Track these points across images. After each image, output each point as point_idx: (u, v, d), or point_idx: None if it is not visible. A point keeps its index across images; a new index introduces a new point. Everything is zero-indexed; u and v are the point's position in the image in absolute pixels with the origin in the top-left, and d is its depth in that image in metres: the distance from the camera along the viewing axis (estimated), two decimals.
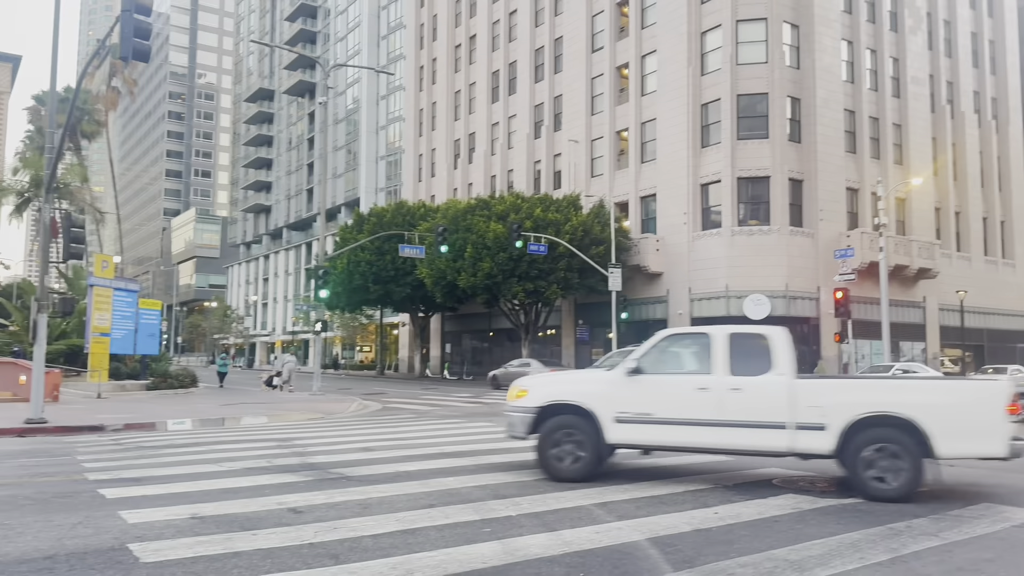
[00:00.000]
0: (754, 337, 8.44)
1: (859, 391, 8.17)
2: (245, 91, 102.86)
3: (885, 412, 7.67)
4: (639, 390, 8.46)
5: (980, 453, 7.70)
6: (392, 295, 46.10)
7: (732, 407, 8.08)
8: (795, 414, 7.89)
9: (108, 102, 54.03)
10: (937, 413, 7.60)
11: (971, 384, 8.73)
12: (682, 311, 38.10)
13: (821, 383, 8.53)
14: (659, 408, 8.35)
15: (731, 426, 8.08)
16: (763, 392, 8.06)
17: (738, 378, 8.14)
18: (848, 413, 7.73)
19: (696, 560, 5.20)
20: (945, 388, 8.72)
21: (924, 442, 7.51)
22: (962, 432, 7.61)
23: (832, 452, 7.83)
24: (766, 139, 36.73)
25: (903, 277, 38.85)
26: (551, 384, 9.21)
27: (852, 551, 5.43)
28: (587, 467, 8.47)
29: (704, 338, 8.55)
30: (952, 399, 7.91)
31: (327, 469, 9.52)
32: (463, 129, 56.44)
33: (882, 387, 8.68)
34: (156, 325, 29.89)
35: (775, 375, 8.10)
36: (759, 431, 8.00)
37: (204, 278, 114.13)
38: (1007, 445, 7.44)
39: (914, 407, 7.62)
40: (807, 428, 7.84)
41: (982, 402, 7.77)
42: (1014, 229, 47.72)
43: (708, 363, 8.33)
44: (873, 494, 7.57)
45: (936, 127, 43.72)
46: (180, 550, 5.43)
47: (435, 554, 5.34)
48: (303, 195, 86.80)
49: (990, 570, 4.95)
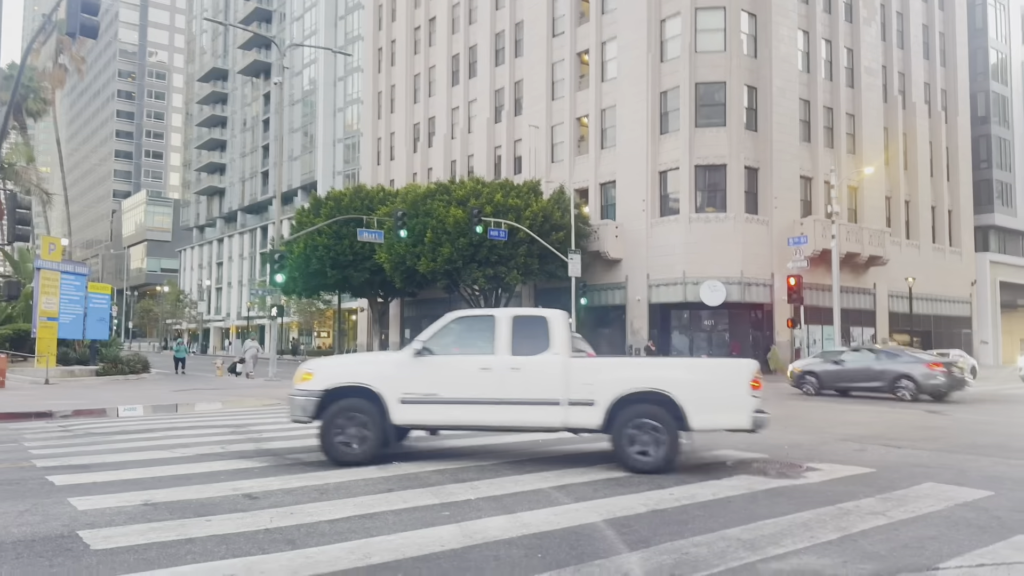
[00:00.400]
0: (535, 319, 8.69)
1: (625, 369, 8.69)
2: (198, 70, 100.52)
3: (647, 389, 8.21)
4: (425, 371, 8.52)
5: (728, 425, 8.43)
6: (350, 280, 45.65)
7: (512, 386, 8.34)
8: (568, 391, 8.26)
9: (55, 80, 52.25)
10: (692, 389, 8.23)
11: (721, 362, 9.45)
12: (640, 297, 38.46)
13: (591, 361, 8.84)
14: (444, 388, 8.45)
15: (511, 404, 8.33)
16: (540, 371, 8.38)
17: (518, 358, 8.40)
18: (615, 390, 8.20)
19: (651, 540, 5.28)
20: (699, 366, 9.30)
21: (681, 416, 8.12)
22: (713, 406, 8.28)
23: (600, 427, 8.27)
24: (723, 127, 37.12)
25: (854, 264, 39.72)
26: (337, 366, 9.26)
27: (803, 530, 5.56)
28: (372, 450, 8.45)
29: (489, 320, 8.73)
30: (705, 376, 8.58)
31: (283, 455, 9.44)
32: (423, 113, 55.97)
33: (645, 365, 9.16)
34: (106, 310, 29.20)
35: (551, 355, 8.41)
36: (536, 408, 8.32)
37: (156, 262, 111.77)
38: (751, 418, 8.18)
39: (672, 384, 8.20)
40: (578, 404, 8.25)
41: (730, 379, 8.45)
42: (961, 218, 49.07)
43: (492, 344, 8.50)
44: (635, 466, 8.06)
45: (888, 117, 44.64)
46: (132, 537, 5.33)
47: (393, 538, 5.33)
48: (258, 178, 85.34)
49: (933, 547, 5.11)
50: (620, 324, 40.07)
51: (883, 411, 16.58)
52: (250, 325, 77.54)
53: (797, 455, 9.43)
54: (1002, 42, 56.75)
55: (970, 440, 11.05)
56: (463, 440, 10.74)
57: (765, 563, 4.73)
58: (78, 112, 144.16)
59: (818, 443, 10.65)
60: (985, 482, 7.56)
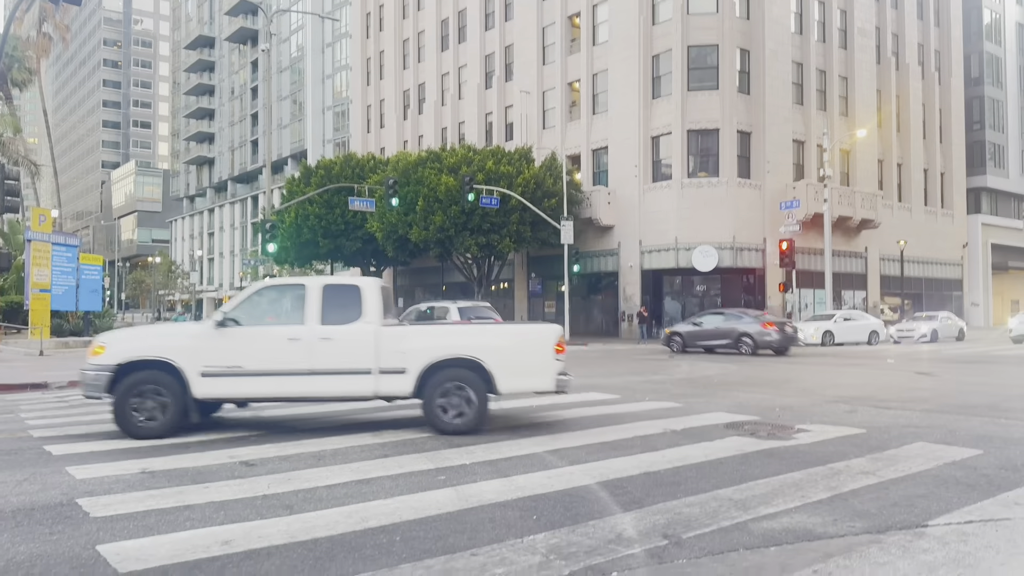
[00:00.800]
0: (347, 288, 8.68)
1: (435, 336, 8.76)
2: (184, 38, 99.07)
3: (457, 355, 8.40)
4: (229, 343, 8.32)
5: (534, 388, 8.85)
6: (342, 249, 45.49)
7: (322, 356, 8.29)
8: (379, 360, 8.33)
9: (39, 49, 51.52)
10: (500, 355, 8.48)
11: (527, 328, 9.68)
12: (633, 263, 38.50)
13: (402, 329, 8.83)
14: (250, 360, 8.29)
15: (321, 374, 8.30)
16: (350, 340, 8.37)
17: (328, 327, 8.33)
18: (425, 357, 8.35)
19: (644, 501, 5.35)
20: (506, 332, 9.53)
21: (489, 380, 8.38)
22: (519, 370, 8.58)
23: (412, 393, 8.41)
24: (716, 91, 36.88)
25: (846, 228, 39.79)
26: (132, 339, 8.99)
27: (794, 490, 5.64)
28: (171, 423, 8.21)
29: (299, 289, 8.65)
30: (512, 342, 8.87)
31: (278, 422, 9.49)
32: (412, 79, 55.38)
33: (455, 332, 9.23)
34: (98, 281, 29.13)
35: (363, 324, 8.42)
36: (347, 377, 8.34)
37: (147, 233, 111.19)
38: (554, 380, 8.57)
39: (481, 350, 8.43)
40: (390, 372, 8.34)
41: (536, 344, 8.75)
42: (953, 180, 49.08)
43: (301, 314, 8.41)
44: (445, 428, 8.32)
45: (881, 79, 44.39)
46: (131, 504, 5.38)
47: (390, 502, 5.39)
48: (247, 147, 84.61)
49: (923, 505, 5.20)
50: (613, 291, 40.17)
51: (875, 373, 16.74)
52: None
53: (788, 417, 9.53)
54: (995, 2, 56.30)
55: (961, 401, 11.18)
56: None
57: (756, 522, 4.81)
58: (64, 82, 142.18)
59: (809, 405, 10.76)
60: (974, 441, 7.66)
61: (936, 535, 4.47)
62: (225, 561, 4.15)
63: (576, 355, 24.59)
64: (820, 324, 29.97)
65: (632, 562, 4.08)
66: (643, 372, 17.05)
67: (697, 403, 10.97)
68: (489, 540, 4.48)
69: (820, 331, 29.37)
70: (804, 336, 29.19)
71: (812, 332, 29.42)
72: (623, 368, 18.44)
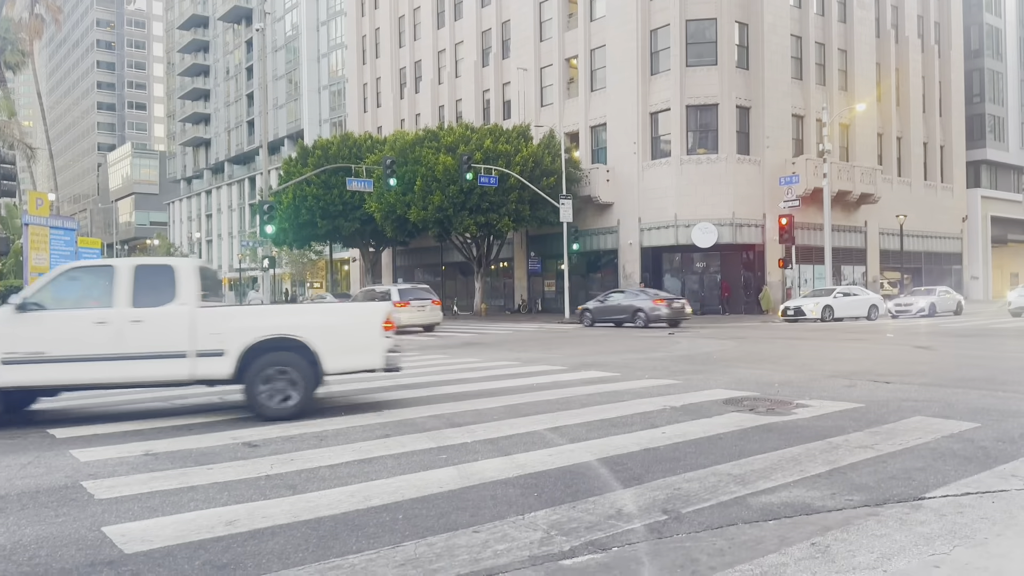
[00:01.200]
0: (160, 269, 8.37)
1: (256, 317, 8.53)
2: (178, 18, 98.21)
3: (280, 335, 8.15)
4: (31, 328, 7.88)
5: (362, 367, 8.69)
6: (341, 230, 45.44)
7: (133, 340, 7.97)
8: (196, 342, 8.05)
9: (32, 31, 51.12)
10: (325, 334, 8.30)
11: (354, 306, 9.56)
12: (632, 241, 38.46)
13: (220, 310, 8.60)
14: (53, 346, 7.86)
15: (132, 359, 7.97)
16: (164, 323, 8.06)
17: (140, 310, 8.02)
18: (245, 338, 8.07)
19: (644, 477, 5.39)
20: (333, 311, 9.39)
21: (315, 361, 8.19)
22: (347, 349, 8.45)
23: (232, 376, 8.12)
24: (714, 66, 36.64)
25: (846, 203, 39.71)
26: None
27: (793, 465, 5.68)
28: None
29: (107, 271, 8.28)
30: (338, 321, 8.73)
31: None
32: (408, 57, 55.00)
33: (279, 312, 8.99)
34: None
35: (177, 305, 8.12)
36: (160, 361, 8.02)
37: (144, 215, 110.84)
38: (383, 358, 8.50)
39: (305, 329, 8.22)
40: (207, 355, 8.05)
41: (363, 322, 8.63)
42: (953, 153, 48.91)
43: (110, 296, 8.07)
44: (270, 414, 8.07)
45: (880, 52, 44.09)
46: (135, 486, 5.42)
47: (392, 481, 5.43)
48: (244, 127, 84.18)
49: (920, 478, 5.24)
50: (613, 268, 40.17)
51: (874, 348, 16.79)
52: (242, 277, 77.42)
53: (787, 393, 9.58)
54: None
55: (959, 374, 11.23)
56: (454, 388, 10.86)
57: (755, 496, 4.85)
58: (58, 64, 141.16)
59: (808, 380, 10.81)
60: (971, 414, 7.71)
61: (933, 507, 4.52)
62: (229, 541, 4.19)
63: (575, 334, 24.67)
64: (820, 299, 30.03)
65: (632, 537, 4.13)
66: (642, 350, 17.11)
67: (696, 380, 11.03)
68: (491, 517, 4.53)
69: (820, 306, 29.44)
70: (806, 311, 29.42)
71: (812, 307, 29.50)
72: (622, 346, 18.50)
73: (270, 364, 8.11)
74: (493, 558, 3.85)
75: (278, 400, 8.13)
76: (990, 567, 3.58)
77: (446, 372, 12.89)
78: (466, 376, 12.17)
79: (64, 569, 3.84)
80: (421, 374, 12.61)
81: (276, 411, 8.09)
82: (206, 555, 3.99)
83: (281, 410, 8.10)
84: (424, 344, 20.81)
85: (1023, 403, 8.37)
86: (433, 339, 23.04)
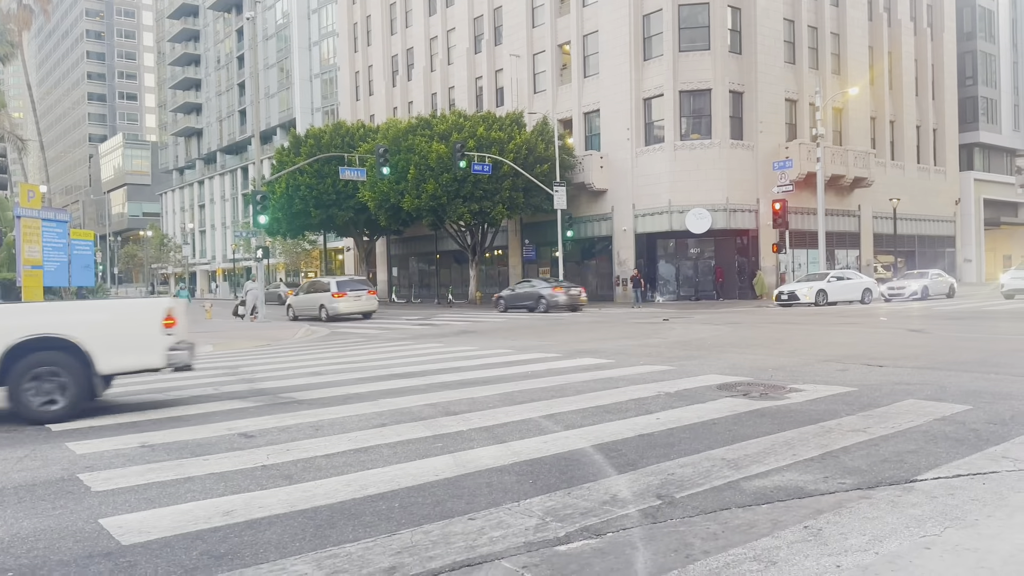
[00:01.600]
0: None
1: (18, 316, 8.09)
2: (168, 7, 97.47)
3: (44, 334, 7.69)
4: None
5: (141, 366, 8.26)
6: (335, 219, 45.35)
7: None
8: None
9: (20, 21, 50.64)
10: (97, 332, 7.90)
11: (130, 303, 9.18)
12: (626, 227, 38.47)
13: None
14: None
15: None
16: None
17: None
18: (5, 338, 7.57)
19: (639, 463, 5.43)
20: (104, 308, 9.11)
21: (87, 361, 7.76)
22: (123, 348, 8.06)
23: None
24: (707, 51, 36.55)
25: (839, 187, 39.76)
26: None
27: (786, 449, 5.72)
28: None
29: None
30: (112, 317, 8.34)
31: (277, 394, 9.54)
32: (400, 44, 54.71)
33: (44, 310, 8.57)
34: (90, 256, 28.91)
35: None
36: None
37: (137, 206, 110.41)
38: (164, 356, 8.12)
39: (74, 327, 7.80)
40: None
41: (139, 319, 8.28)
42: (946, 137, 48.95)
43: None
44: (39, 417, 7.68)
45: (873, 35, 44.02)
46: (131, 478, 5.44)
47: (388, 470, 5.46)
48: (235, 117, 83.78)
49: (912, 460, 5.28)
50: (607, 255, 40.20)
51: (868, 332, 16.86)
52: (236, 267, 77.25)
53: (781, 377, 9.62)
54: None
55: (952, 357, 11.28)
56: (448, 376, 10.88)
57: (748, 481, 4.89)
58: (47, 54, 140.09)
59: (801, 365, 10.85)
60: (964, 397, 7.75)
61: (924, 490, 4.56)
62: (227, 531, 4.21)
63: (570, 321, 24.71)
64: (813, 283, 30.11)
65: (626, 522, 4.16)
66: (637, 336, 17.15)
67: (691, 366, 11.07)
68: (486, 504, 4.56)
69: (814, 290, 29.52)
70: (800, 296, 29.49)
71: (806, 292, 29.58)
72: (617, 332, 18.54)
73: (36, 365, 7.63)
74: (489, 545, 3.88)
75: (42, 402, 7.68)
76: (980, 548, 3.62)
77: (441, 361, 12.92)
78: (461, 364, 12.20)
79: (62, 561, 3.86)
80: (416, 363, 12.64)
81: (44, 415, 7.64)
82: (203, 545, 4.01)
83: (49, 414, 7.65)
84: (419, 333, 20.85)
85: (1015, 385, 8.41)
86: (428, 328, 23.07)
